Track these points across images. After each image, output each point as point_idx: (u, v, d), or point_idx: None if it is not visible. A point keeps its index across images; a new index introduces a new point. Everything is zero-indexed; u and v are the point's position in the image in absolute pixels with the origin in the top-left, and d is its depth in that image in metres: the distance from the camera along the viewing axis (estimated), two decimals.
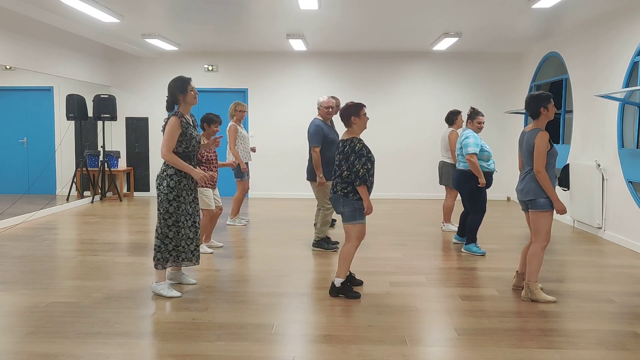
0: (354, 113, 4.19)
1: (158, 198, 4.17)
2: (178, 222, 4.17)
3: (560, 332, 3.57)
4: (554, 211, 4.10)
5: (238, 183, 7.05)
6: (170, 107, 4.27)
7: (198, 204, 4.41)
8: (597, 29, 6.93)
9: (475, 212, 5.74)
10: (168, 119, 4.14)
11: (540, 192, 4.06)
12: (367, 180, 4.06)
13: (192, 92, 4.23)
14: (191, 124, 4.28)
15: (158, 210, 4.18)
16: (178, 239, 4.20)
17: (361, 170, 4.04)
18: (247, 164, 7.10)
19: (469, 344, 3.37)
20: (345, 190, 4.14)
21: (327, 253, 5.72)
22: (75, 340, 3.38)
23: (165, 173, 4.14)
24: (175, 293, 4.22)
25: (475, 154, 5.54)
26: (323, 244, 5.81)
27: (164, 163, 4.17)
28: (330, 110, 5.80)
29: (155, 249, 4.20)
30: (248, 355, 3.19)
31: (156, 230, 4.20)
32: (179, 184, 4.14)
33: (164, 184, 4.12)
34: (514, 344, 3.36)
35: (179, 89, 4.19)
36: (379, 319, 3.78)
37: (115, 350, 3.24)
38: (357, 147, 4.08)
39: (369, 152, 4.15)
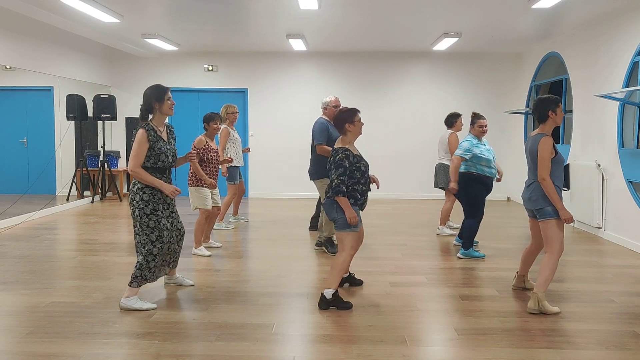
0: (348, 120, 3.99)
1: (133, 214, 3.87)
2: (162, 237, 3.90)
3: (560, 332, 3.57)
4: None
5: (229, 187, 6.92)
6: (144, 116, 3.96)
7: (177, 218, 4.15)
8: (597, 29, 6.93)
9: (474, 217, 5.65)
10: (136, 131, 3.87)
11: (548, 201, 3.89)
12: (341, 191, 3.87)
13: (168, 102, 3.95)
14: (164, 137, 3.98)
15: (135, 226, 3.90)
16: (161, 255, 3.94)
17: (335, 181, 3.87)
18: (239, 167, 7.00)
19: (469, 344, 3.37)
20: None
21: (327, 253, 5.72)
22: (75, 340, 3.38)
23: (136, 187, 3.86)
24: (150, 305, 3.95)
25: (464, 158, 5.50)
26: (327, 245, 5.77)
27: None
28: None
29: (136, 266, 3.92)
30: (248, 355, 3.19)
31: (136, 247, 3.95)
32: (153, 197, 3.87)
33: (137, 199, 3.84)
34: (514, 344, 3.36)
35: (156, 98, 3.91)
36: (379, 319, 3.78)
37: (115, 350, 3.24)
38: (337, 158, 3.90)
39: (357, 161, 3.97)
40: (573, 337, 3.49)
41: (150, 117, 4.00)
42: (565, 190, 7.45)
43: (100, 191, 9.72)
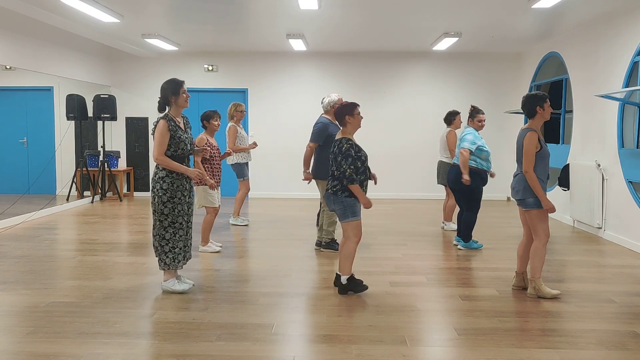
0: (348, 112, 4.24)
1: (153, 200, 4.21)
2: (174, 222, 4.20)
3: (560, 332, 3.57)
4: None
5: (240, 183, 7.10)
6: (161, 108, 4.26)
7: (193, 204, 4.46)
8: (597, 29, 6.93)
9: (471, 210, 5.79)
10: (157, 122, 4.16)
11: (529, 192, 4.11)
12: (355, 179, 4.11)
13: (184, 95, 4.24)
14: (182, 127, 4.27)
15: (154, 213, 4.22)
16: (175, 240, 4.22)
17: (348, 170, 4.09)
18: (247, 163, 7.16)
19: (469, 344, 3.37)
20: (335, 189, 4.22)
21: (327, 253, 5.70)
22: (75, 340, 3.38)
23: (157, 176, 4.18)
24: (185, 286, 4.32)
25: (470, 150, 5.58)
26: (334, 245, 5.74)
27: (156, 166, 4.21)
28: None
29: (155, 252, 4.28)
30: (248, 355, 3.19)
31: (153, 232, 4.27)
32: (172, 186, 4.17)
33: (157, 187, 4.16)
34: (514, 344, 3.36)
35: (171, 91, 4.20)
36: (379, 319, 3.78)
37: (115, 350, 3.24)
38: (344, 148, 4.14)
39: (358, 151, 4.20)
40: (573, 337, 3.49)
41: (167, 109, 4.26)
42: (565, 190, 7.46)
43: (100, 191, 9.71)
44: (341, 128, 4.34)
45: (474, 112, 5.87)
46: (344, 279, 4.28)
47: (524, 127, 4.24)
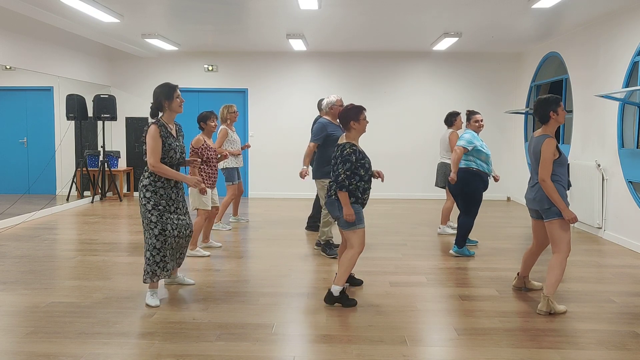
0: (353, 118, 4.01)
1: (140, 210, 4.04)
2: (165, 230, 4.00)
3: (560, 332, 3.57)
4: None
5: (228, 187, 6.92)
6: (154, 113, 4.10)
7: (186, 213, 4.25)
8: (597, 29, 6.93)
9: (469, 214, 5.62)
10: (148, 128, 3.98)
11: None
12: (346, 186, 3.90)
13: (177, 100, 4.06)
14: (173, 134, 4.11)
15: (142, 222, 4.06)
16: (165, 248, 4.03)
17: (342, 175, 3.89)
18: (238, 168, 7.00)
19: (469, 344, 3.37)
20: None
21: (325, 256, 5.69)
22: (75, 340, 3.38)
23: (141, 184, 4.01)
24: (157, 302, 4.05)
25: (466, 149, 5.53)
26: (326, 248, 5.70)
27: (142, 173, 4.04)
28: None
29: (145, 262, 4.06)
30: (248, 355, 3.19)
31: (144, 243, 4.10)
32: (155, 194, 3.98)
33: (141, 195, 4.00)
34: (514, 344, 3.37)
35: (165, 96, 4.03)
36: (379, 319, 3.78)
37: (115, 350, 3.24)
38: (345, 152, 3.93)
39: (362, 158, 4.00)
40: (573, 337, 3.49)
41: (160, 114, 4.11)
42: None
43: (100, 191, 9.72)
44: (345, 132, 4.12)
45: (470, 114, 5.86)
46: (335, 290, 4.01)
47: (538, 133, 4.02)
